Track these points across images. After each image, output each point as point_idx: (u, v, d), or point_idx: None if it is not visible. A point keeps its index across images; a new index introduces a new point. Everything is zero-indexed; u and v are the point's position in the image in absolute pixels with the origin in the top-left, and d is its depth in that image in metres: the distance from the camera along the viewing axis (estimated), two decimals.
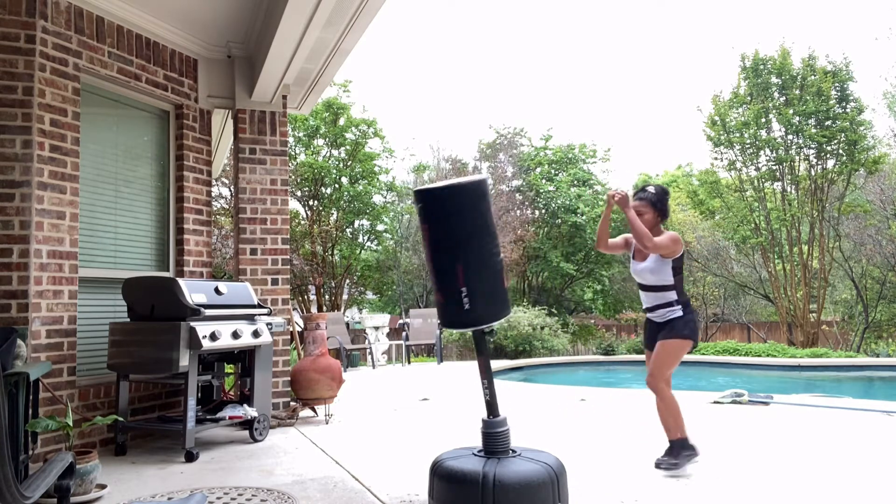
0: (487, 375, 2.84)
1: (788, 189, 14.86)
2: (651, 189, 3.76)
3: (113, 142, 4.79)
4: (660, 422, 3.65)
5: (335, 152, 16.30)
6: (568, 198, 18.72)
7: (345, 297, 17.68)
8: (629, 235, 3.84)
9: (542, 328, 13.41)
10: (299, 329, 8.74)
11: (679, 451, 3.54)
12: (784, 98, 14.56)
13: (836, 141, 13.96)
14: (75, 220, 4.23)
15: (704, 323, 18.05)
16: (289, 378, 5.43)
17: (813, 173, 14.41)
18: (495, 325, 2.88)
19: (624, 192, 3.62)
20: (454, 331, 13.02)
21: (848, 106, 14.03)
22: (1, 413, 1.77)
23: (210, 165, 5.50)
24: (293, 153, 15.74)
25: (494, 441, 2.75)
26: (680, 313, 3.61)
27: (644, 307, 3.80)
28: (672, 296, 3.63)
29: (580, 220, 18.25)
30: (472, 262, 2.68)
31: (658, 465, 3.55)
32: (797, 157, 14.65)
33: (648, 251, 3.59)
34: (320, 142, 16.20)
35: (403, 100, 48.81)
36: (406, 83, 51.88)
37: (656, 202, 3.69)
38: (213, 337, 4.11)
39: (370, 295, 20.45)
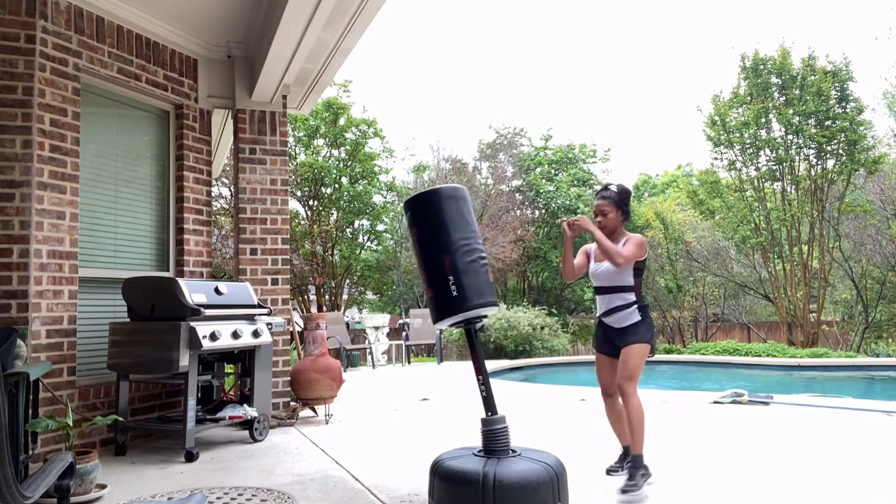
0: (482, 372, 2.91)
1: (788, 189, 14.86)
2: (613, 188, 3.59)
3: (113, 142, 4.79)
4: (615, 429, 3.56)
5: (335, 152, 16.30)
6: (568, 198, 18.75)
7: (345, 297, 17.68)
8: (588, 247, 3.70)
9: (542, 328, 13.40)
10: (299, 329, 8.74)
11: (639, 469, 3.24)
12: (784, 98, 14.56)
13: (836, 141, 13.96)
14: (75, 220, 4.23)
15: (704, 323, 18.05)
16: (289, 378, 5.43)
17: (813, 173, 14.41)
18: (485, 320, 3.03)
19: (578, 218, 3.47)
20: (451, 329, 13.03)
21: (848, 106, 14.02)
22: (1, 413, 1.77)
23: (210, 165, 5.51)
24: (293, 153, 15.74)
25: (494, 439, 2.75)
26: (639, 317, 3.42)
27: (599, 312, 3.58)
28: (631, 297, 3.46)
29: None
30: (458, 254, 2.90)
31: (610, 472, 3.46)
32: (797, 157, 14.65)
33: (621, 267, 3.40)
34: (320, 142, 16.20)
35: (403, 100, 48.88)
36: (406, 83, 51.94)
37: (619, 202, 3.53)
38: (213, 337, 4.12)
39: (370, 295, 20.46)
